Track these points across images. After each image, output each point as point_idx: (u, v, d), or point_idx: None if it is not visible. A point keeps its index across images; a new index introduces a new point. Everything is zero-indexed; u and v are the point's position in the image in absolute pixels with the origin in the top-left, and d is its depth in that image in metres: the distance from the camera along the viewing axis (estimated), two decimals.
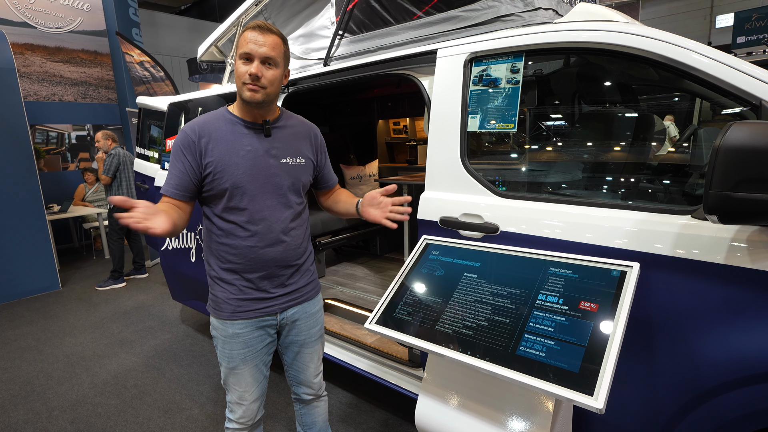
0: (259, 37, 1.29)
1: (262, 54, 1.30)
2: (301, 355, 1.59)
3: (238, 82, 1.32)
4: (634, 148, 1.56)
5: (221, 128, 1.36)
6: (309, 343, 1.58)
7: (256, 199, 1.36)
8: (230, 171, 1.33)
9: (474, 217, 1.60)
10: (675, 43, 1.25)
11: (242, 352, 1.44)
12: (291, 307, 1.49)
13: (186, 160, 1.32)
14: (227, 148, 1.34)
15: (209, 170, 1.32)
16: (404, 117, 4.83)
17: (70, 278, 5.19)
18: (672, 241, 1.19)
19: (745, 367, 1.08)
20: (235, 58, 1.33)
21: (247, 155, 1.35)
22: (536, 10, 1.57)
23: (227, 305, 1.41)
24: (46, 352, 3.30)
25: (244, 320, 1.42)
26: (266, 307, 1.44)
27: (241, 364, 1.44)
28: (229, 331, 1.42)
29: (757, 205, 0.95)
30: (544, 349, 1.11)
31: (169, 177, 1.34)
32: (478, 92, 1.63)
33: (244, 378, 1.46)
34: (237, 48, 1.32)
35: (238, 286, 1.40)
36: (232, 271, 1.40)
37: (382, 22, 2.05)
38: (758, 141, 0.93)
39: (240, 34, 1.30)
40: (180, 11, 15.93)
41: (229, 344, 1.43)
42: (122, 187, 4.71)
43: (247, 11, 2.61)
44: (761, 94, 1.11)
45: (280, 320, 1.49)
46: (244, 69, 1.30)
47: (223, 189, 1.33)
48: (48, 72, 6.49)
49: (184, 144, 1.33)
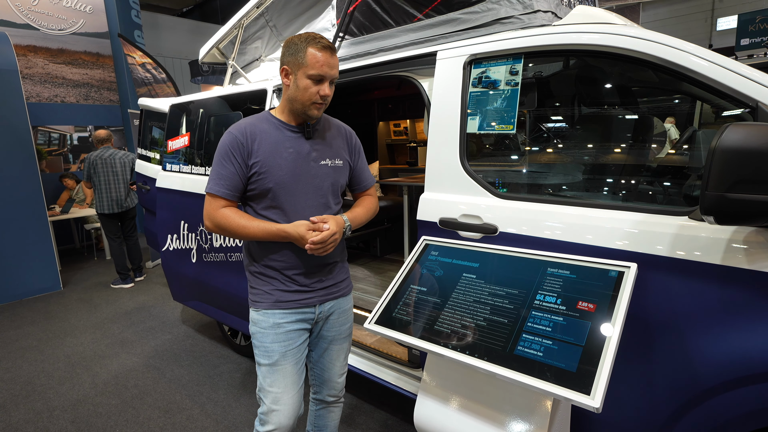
0: (331, 59, 1.35)
1: (332, 76, 1.37)
2: (329, 351, 1.60)
3: (303, 98, 1.36)
4: (632, 149, 1.57)
5: (266, 130, 1.42)
6: (338, 340, 1.60)
7: (297, 200, 1.42)
8: (274, 171, 1.39)
9: (473, 218, 1.61)
10: (673, 46, 1.26)
11: (283, 345, 1.44)
12: (328, 300, 1.54)
13: (236, 161, 1.37)
14: (272, 149, 1.40)
15: (255, 170, 1.38)
16: (404, 119, 4.84)
17: (71, 279, 5.21)
18: (669, 241, 1.20)
19: (742, 368, 1.08)
20: (298, 75, 1.35)
21: (289, 157, 1.41)
22: (535, 12, 1.59)
23: (269, 296, 1.46)
24: (47, 352, 3.31)
25: (284, 311, 1.45)
26: (306, 299, 1.48)
27: (281, 359, 1.44)
28: (270, 321, 1.44)
29: (752, 206, 0.96)
30: (542, 349, 1.11)
31: (220, 179, 1.38)
32: (478, 94, 1.64)
33: (284, 375, 1.44)
34: (302, 66, 1.33)
35: (279, 280, 1.46)
36: (272, 267, 1.46)
37: (382, 24, 2.07)
38: (754, 142, 0.94)
39: (304, 52, 1.33)
40: (182, 13, 15.98)
41: (269, 336, 1.44)
42: (100, 190, 4.58)
43: (249, 13, 2.63)
44: (758, 96, 1.12)
45: (318, 314, 1.52)
46: (315, 89, 1.35)
47: (267, 188, 1.39)
48: (50, 74, 6.52)
49: (233, 145, 1.38)
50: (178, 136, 3.02)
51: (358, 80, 2.08)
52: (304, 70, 1.34)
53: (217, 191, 1.38)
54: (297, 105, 1.39)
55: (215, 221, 1.39)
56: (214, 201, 1.39)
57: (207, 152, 2.75)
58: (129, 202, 4.72)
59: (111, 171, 4.58)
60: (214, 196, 1.39)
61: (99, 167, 4.56)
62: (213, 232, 1.47)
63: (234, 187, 1.39)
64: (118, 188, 4.62)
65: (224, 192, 1.38)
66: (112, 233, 4.77)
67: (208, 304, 2.90)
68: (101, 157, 4.58)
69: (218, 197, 1.39)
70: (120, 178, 4.62)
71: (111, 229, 4.76)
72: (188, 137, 2.91)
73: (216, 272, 2.67)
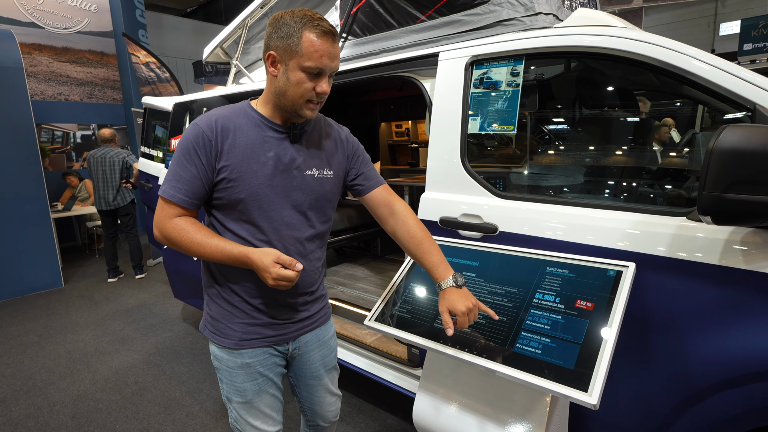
0: (333, 48, 1.08)
1: (333, 69, 1.10)
2: (317, 389, 1.40)
3: (294, 94, 1.10)
4: (631, 151, 1.58)
5: (242, 127, 1.14)
6: (324, 374, 1.40)
7: (273, 215, 1.16)
8: (247, 180, 1.12)
9: (473, 217, 1.62)
10: (673, 49, 1.27)
11: (256, 384, 1.25)
12: (304, 334, 1.32)
13: (200, 161, 1.10)
14: (247, 152, 1.12)
15: (223, 175, 1.11)
16: (406, 120, 4.86)
17: (72, 276, 5.23)
18: (667, 242, 1.21)
19: (739, 367, 1.09)
20: (289, 64, 1.08)
21: (268, 162, 1.14)
22: (537, 14, 1.60)
23: (231, 331, 1.21)
24: (48, 348, 3.33)
25: (252, 349, 1.23)
26: (278, 335, 1.25)
27: (255, 397, 1.25)
28: (238, 362, 1.22)
29: (749, 207, 0.97)
30: (540, 347, 1.13)
31: (177, 181, 1.10)
32: (479, 95, 1.65)
33: (261, 410, 1.27)
34: (295, 54, 1.06)
35: (242, 309, 1.21)
36: (234, 292, 1.21)
37: (385, 25, 2.09)
38: (750, 143, 0.95)
39: (299, 35, 1.05)
40: (186, 14, 16.06)
41: (239, 376, 1.23)
42: (95, 188, 4.73)
43: (253, 14, 2.65)
44: (756, 99, 1.13)
45: (292, 350, 1.31)
46: (311, 85, 1.09)
47: (237, 199, 1.13)
48: (55, 72, 6.56)
49: (198, 142, 1.09)
50: (182, 134, 3.04)
51: (361, 81, 2.10)
52: (299, 61, 1.06)
53: (172, 196, 1.10)
54: (286, 101, 1.12)
55: (165, 233, 1.12)
56: (168, 208, 1.12)
57: None
58: (119, 200, 4.76)
59: (101, 170, 4.67)
60: (168, 201, 1.11)
61: (92, 165, 4.70)
62: (162, 243, 1.18)
63: (193, 193, 1.11)
64: (106, 187, 4.70)
65: (180, 198, 1.10)
66: (106, 229, 4.92)
67: None
68: (94, 156, 4.69)
69: (173, 204, 1.11)
70: (108, 177, 4.68)
71: (105, 225, 4.92)
72: None
73: None
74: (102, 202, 4.74)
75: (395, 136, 5.17)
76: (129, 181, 4.74)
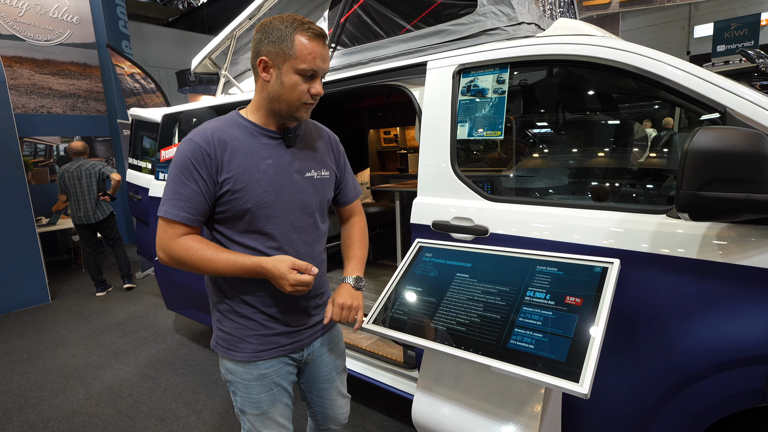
0: (324, 50, 1.12)
1: (325, 70, 1.15)
2: (329, 392, 1.42)
3: (290, 97, 1.12)
4: (614, 153, 1.65)
5: (237, 137, 1.15)
6: (335, 377, 1.43)
7: (281, 221, 1.18)
8: (252, 189, 1.13)
9: (464, 220, 1.67)
10: (648, 56, 1.35)
11: (270, 395, 1.25)
12: (316, 339, 1.34)
13: (201, 177, 1.09)
14: (247, 161, 1.14)
15: (226, 188, 1.11)
16: (394, 126, 4.92)
17: (59, 291, 5.15)
18: (649, 238, 1.28)
19: (719, 355, 1.16)
20: (283, 68, 1.10)
21: (269, 169, 1.16)
22: (520, 24, 1.67)
23: (247, 345, 1.21)
24: (39, 365, 3.28)
25: (268, 360, 1.23)
26: (293, 343, 1.27)
27: (270, 407, 1.25)
28: (254, 374, 1.22)
29: (723, 203, 1.04)
30: (533, 342, 1.18)
31: (178, 199, 1.09)
32: (467, 102, 1.71)
33: (276, 420, 1.28)
34: (288, 57, 1.09)
35: (257, 320, 1.21)
36: (248, 304, 1.21)
37: (373, 35, 2.14)
38: (722, 144, 1.02)
39: (291, 39, 1.08)
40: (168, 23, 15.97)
41: (255, 388, 1.23)
42: (71, 203, 4.62)
43: (242, 25, 2.68)
44: (726, 102, 1.21)
45: (306, 355, 1.33)
46: (305, 87, 1.12)
47: (244, 210, 1.13)
48: (36, 84, 6.48)
49: (197, 158, 1.09)
50: (172, 145, 3.05)
51: (350, 89, 2.14)
52: (293, 64, 1.09)
53: (175, 215, 1.09)
54: (281, 106, 1.14)
55: (172, 254, 1.10)
56: (171, 228, 1.10)
57: None
58: (99, 213, 4.69)
59: (78, 183, 4.58)
60: (170, 221, 1.10)
61: (67, 180, 4.58)
62: (168, 265, 1.16)
63: (197, 209, 1.11)
64: (85, 201, 4.62)
65: (184, 216, 1.09)
66: (85, 243, 4.80)
67: (202, 311, 2.92)
68: (68, 171, 4.59)
69: (176, 223, 1.10)
70: (86, 190, 4.60)
71: (84, 239, 4.79)
72: None
73: None
74: (81, 218, 4.63)
75: (384, 143, 5.23)
76: (106, 194, 4.67)
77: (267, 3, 2.52)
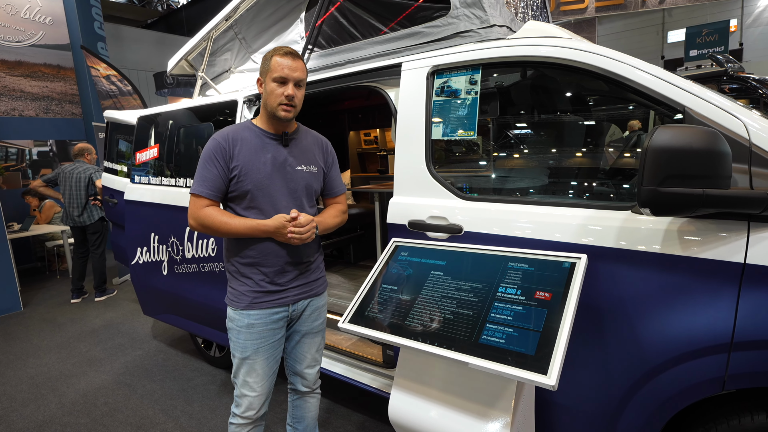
0: (292, 62, 1.49)
1: (295, 78, 1.50)
2: (301, 344, 1.72)
3: (271, 101, 1.51)
4: (582, 152, 1.70)
5: (247, 138, 1.55)
6: (310, 334, 1.72)
7: (274, 200, 1.54)
8: (252, 174, 1.51)
9: (439, 219, 1.69)
10: (613, 58, 1.39)
11: (256, 343, 1.56)
12: (302, 299, 1.65)
13: (219, 164, 1.50)
14: (251, 154, 1.53)
15: (235, 173, 1.51)
16: (374, 128, 4.94)
17: (32, 299, 5.00)
18: (615, 234, 1.32)
19: (681, 346, 1.20)
20: (266, 81, 1.51)
21: (267, 161, 1.54)
22: (492, 26, 1.71)
23: (244, 297, 1.56)
24: (9, 375, 3.18)
25: (259, 310, 1.56)
26: (280, 299, 1.59)
27: (253, 354, 1.57)
28: (245, 322, 1.56)
29: (681, 199, 1.07)
30: (504, 336, 1.20)
31: (204, 180, 1.51)
32: (441, 102, 1.74)
33: (255, 369, 1.58)
34: (268, 72, 1.50)
35: (255, 279, 1.56)
36: (250, 265, 1.56)
37: (349, 37, 2.15)
38: (680, 142, 1.06)
39: (270, 60, 1.50)
40: (146, 25, 15.71)
41: (243, 334, 1.56)
42: (67, 204, 4.65)
43: (218, 26, 2.67)
44: (684, 102, 1.26)
45: (291, 312, 1.63)
46: (280, 91, 1.49)
47: (246, 190, 1.52)
48: (7, 86, 6.30)
49: (216, 150, 1.51)
50: (147, 147, 3.00)
51: (327, 91, 2.15)
52: (269, 75, 1.50)
53: (201, 192, 1.50)
54: (269, 108, 1.53)
55: (199, 220, 1.51)
56: (198, 201, 1.51)
57: (177, 163, 2.74)
58: (85, 217, 4.63)
59: (68, 185, 4.59)
60: (198, 196, 1.51)
61: (61, 179, 4.64)
62: (197, 230, 1.60)
63: (216, 188, 1.51)
64: (72, 203, 4.61)
65: (207, 192, 1.50)
66: (76, 247, 4.83)
67: (181, 316, 2.87)
68: (65, 171, 4.63)
69: (202, 197, 1.51)
70: (74, 193, 4.58)
71: (75, 242, 4.82)
72: (157, 149, 2.90)
73: (188, 283, 2.65)
74: (68, 219, 4.67)
75: (364, 145, 5.24)
76: (97, 198, 4.61)
77: (243, 5, 2.51)
